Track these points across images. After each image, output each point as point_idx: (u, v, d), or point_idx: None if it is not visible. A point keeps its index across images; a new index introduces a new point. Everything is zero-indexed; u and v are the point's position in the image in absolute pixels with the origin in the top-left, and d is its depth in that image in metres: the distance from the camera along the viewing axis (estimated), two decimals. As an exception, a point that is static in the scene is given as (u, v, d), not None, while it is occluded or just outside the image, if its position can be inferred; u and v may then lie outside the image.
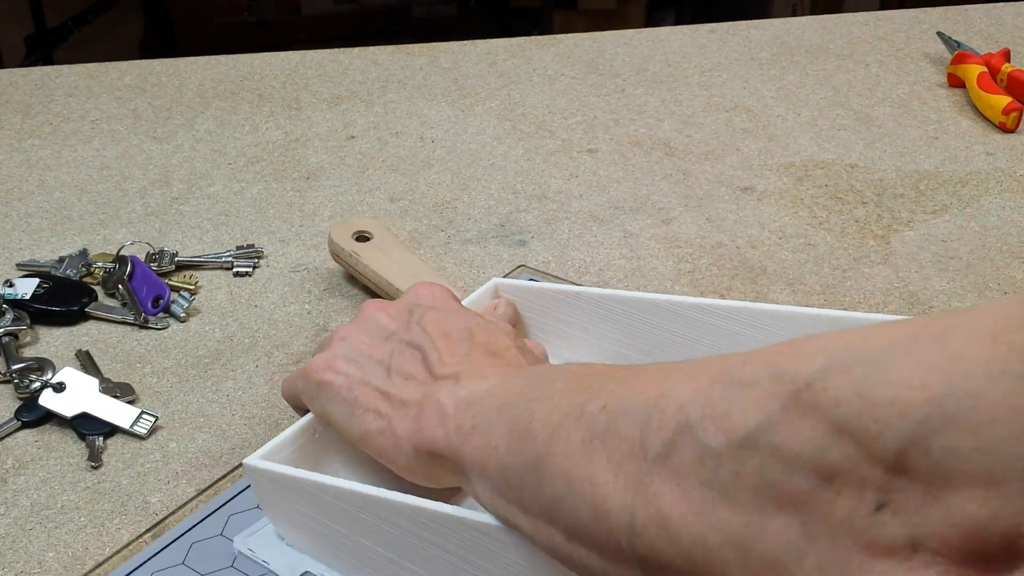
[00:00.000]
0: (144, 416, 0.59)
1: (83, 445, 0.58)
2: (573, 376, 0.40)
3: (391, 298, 0.64)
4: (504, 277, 0.67)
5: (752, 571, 0.30)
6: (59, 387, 0.60)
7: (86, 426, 0.58)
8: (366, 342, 0.50)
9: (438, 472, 0.45)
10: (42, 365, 0.63)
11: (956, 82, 0.99)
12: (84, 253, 0.74)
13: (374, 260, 0.68)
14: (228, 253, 0.74)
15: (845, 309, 0.67)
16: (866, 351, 0.28)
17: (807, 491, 0.28)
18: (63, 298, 0.68)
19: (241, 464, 0.49)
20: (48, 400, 0.59)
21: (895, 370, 0.27)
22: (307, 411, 0.51)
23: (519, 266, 0.73)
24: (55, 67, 1.05)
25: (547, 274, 0.71)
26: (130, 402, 0.60)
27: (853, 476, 0.27)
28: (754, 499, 0.30)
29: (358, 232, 0.69)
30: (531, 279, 0.68)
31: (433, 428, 0.44)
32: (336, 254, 0.70)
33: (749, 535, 0.30)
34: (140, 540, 0.51)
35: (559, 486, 0.36)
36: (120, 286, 0.69)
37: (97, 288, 0.70)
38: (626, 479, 0.33)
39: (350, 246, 0.69)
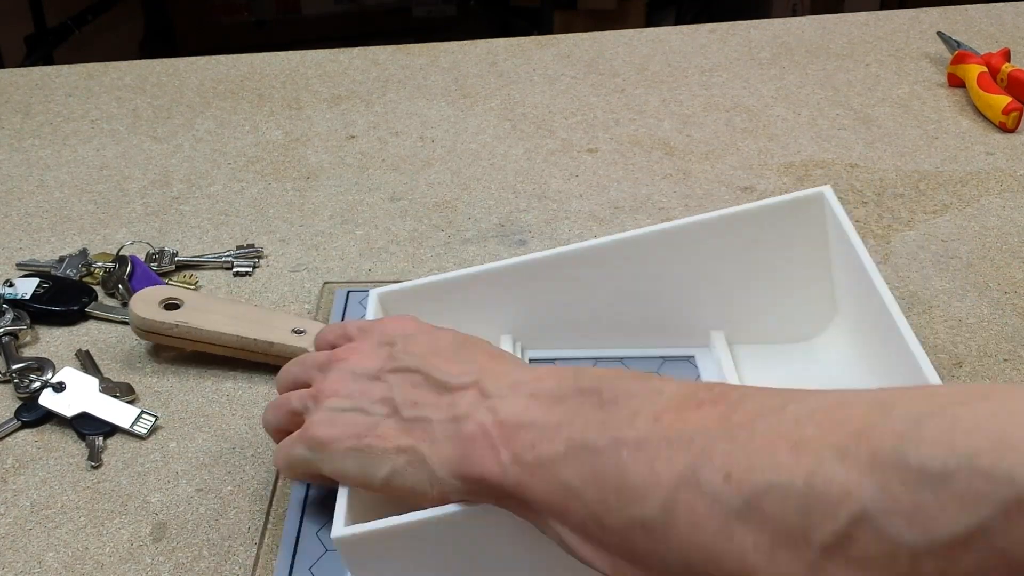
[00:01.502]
0: (144, 416, 0.59)
1: (83, 445, 0.58)
2: (651, 413, 0.38)
3: (235, 352, 0.62)
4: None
5: None
6: (59, 387, 0.60)
7: (86, 426, 0.58)
8: (356, 388, 0.48)
9: (483, 500, 0.42)
10: (42, 365, 0.63)
11: (956, 82, 0.99)
12: (84, 253, 0.74)
13: (206, 322, 0.63)
14: (228, 253, 0.74)
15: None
16: None
17: None
18: (63, 298, 0.68)
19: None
20: (48, 400, 0.59)
21: None
22: (314, 477, 0.50)
23: (325, 283, 0.72)
24: (55, 67, 1.05)
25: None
26: (130, 402, 0.60)
27: None
28: None
29: (165, 300, 0.64)
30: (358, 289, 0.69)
31: (483, 456, 0.41)
32: (149, 330, 0.63)
33: None
34: None
35: (691, 555, 0.35)
36: (120, 286, 0.69)
37: (97, 288, 0.70)
38: (787, 564, 0.32)
39: (168, 318, 0.63)
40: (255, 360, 0.63)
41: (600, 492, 0.37)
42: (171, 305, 0.63)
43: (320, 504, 0.53)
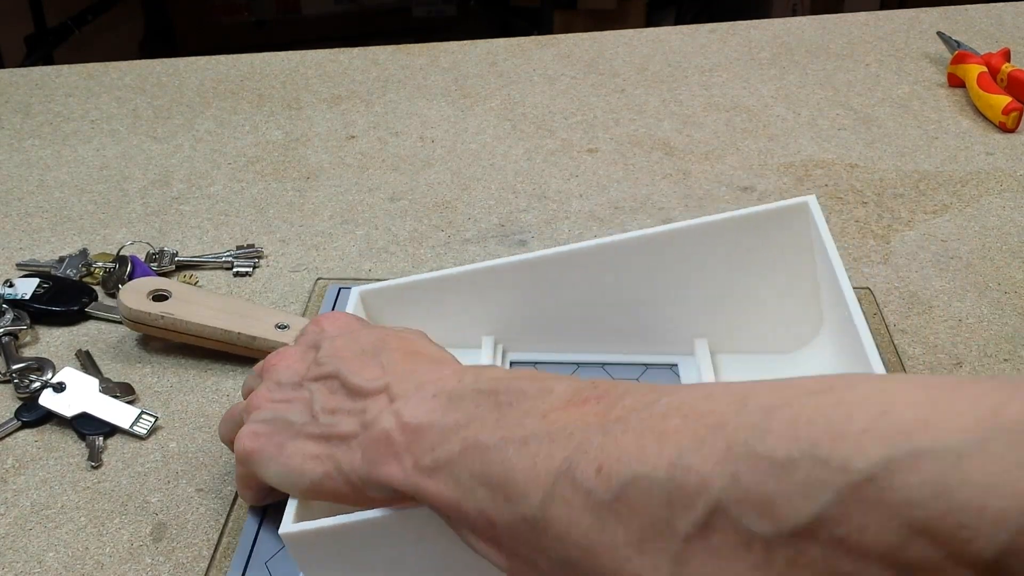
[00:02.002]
0: (144, 416, 0.59)
1: (83, 445, 0.58)
2: (539, 412, 0.38)
3: (220, 345, 0.63)
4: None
5: None
6: (59, 387, 0.60)
7: (86, 426, 0.58)
8: (279, 397, 0.48)
9: (400, 502, 0.43)
10: (42, 365, 0.63)
11: (956, 82, 0.99)
12: (84, 253, 0.74)
13: (191, 314, 0.63)
14: (228, 253, 0.74)
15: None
16: (931, 443, 0.28)
17: None
18: (63, 298, 0.68)
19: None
20: (48, 400, 0.59)
21: (974, 471, 0.26)
22: (267, 491, 0.50)
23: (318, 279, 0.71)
24: (55, 67, 1.05)
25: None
26: (130, 402, 0.60)
27: (941, 573, 0.27)
28: None
29: (153, 292, 0.64)
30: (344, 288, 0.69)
31: (386, 464, 0.42)
32: (136, 320, 0.64)
33: None
34: None
35: (571, 552, 0.35)
36: (120, 286, 0.69)
37: (97, 288, 0.70)
38: (656, 555, 0.33)
39: (154, 308, 0.63)
40: (239, 354, 0.63)
41: (489, 490, 0.38)
42: (159, 296, 0.64)
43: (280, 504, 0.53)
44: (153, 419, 0.59)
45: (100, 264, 0.72)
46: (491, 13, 2.92)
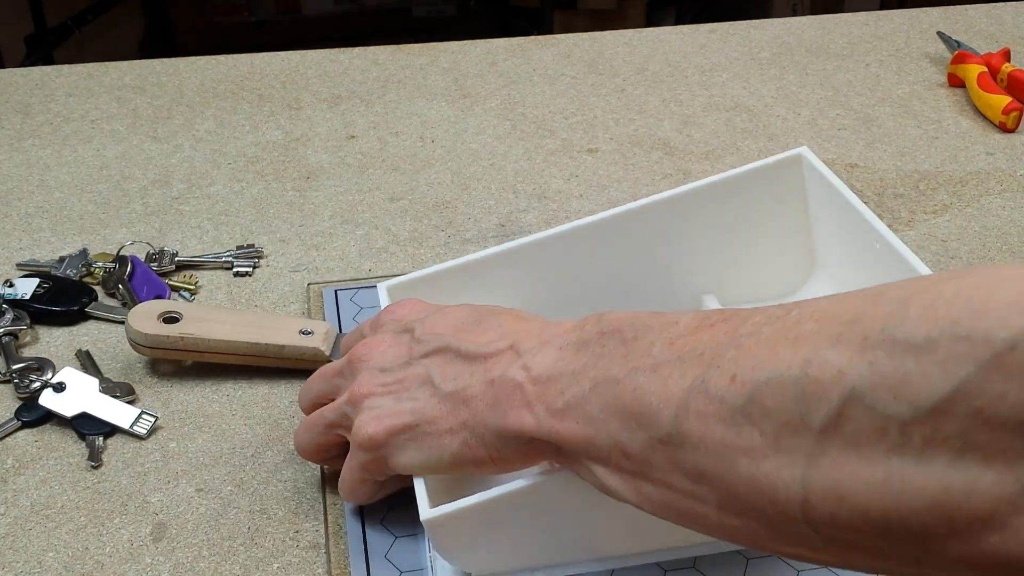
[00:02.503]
0: (144, 416, 0.59)
1: (83, 445, 0.58)
2: (666, 340, 0.39)
3: (244, 359, 0.62)
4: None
5: (958, 529, 0.30)
6: (59, 387, 0.60)
7: (86, 426, 0.58)
8: (389, 380, 0.48)
9: (533, 456, 0.44)
10: (42, 365, 0.63)
11: (956, 82, 0.99)
12: (84, 253, 0.74)
13: (211, 331, 0.62)
14: (228, 253, 0.74)
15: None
16: None
17: (1022, 447, 0.28)
18: (63, 298, 0.68)
19: None
20: (48, 400, 0.59)
21: None
22: (382, 487, 0.50)
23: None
24: (55, 67, 1.05)
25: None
26: (130, 402, 0.60)
27: None
28: (956, 461, 0.30)
29: (163, 314, 0.62)
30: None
31: (518, 411, 0.43)
32: (151, 345, 0.62)
33: (954, 495, 0.30)
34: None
35: (704, 461, 0.36)
36: (120, 286, 0.69)
37: (97, 288, 0.70)
38: (790, 453, 0.33)
39: (172, 330, 0.61)
40: (263, 365, 0.62)
41: (622, 420, 0.39)
42: (170, 318, 0.62)
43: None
44: (153, 419, 0.59)
45: (100, 264, 0.72)
46: (491, 13, 2.92)
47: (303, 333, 0.62)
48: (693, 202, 0.61)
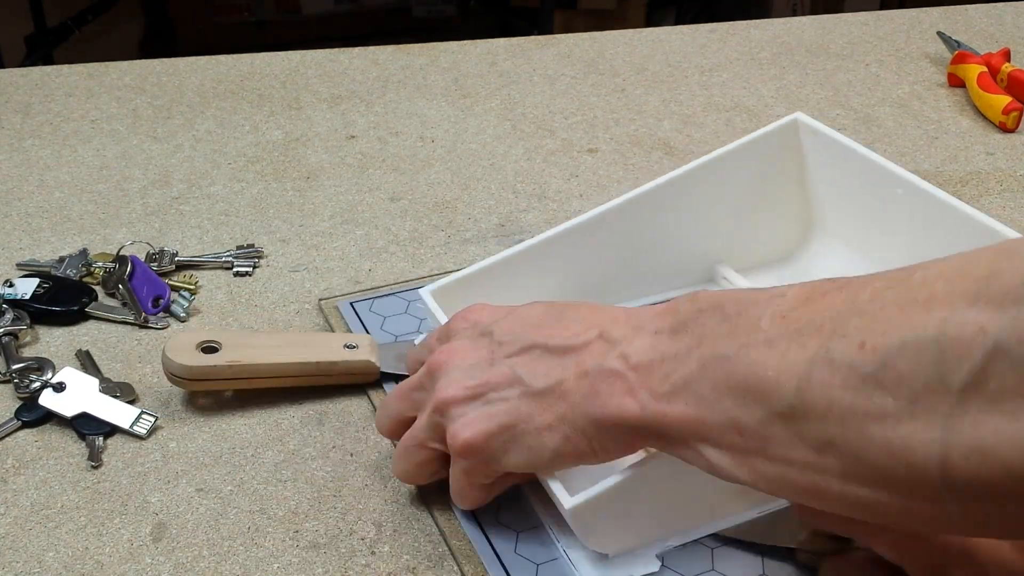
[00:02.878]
0: (144, 416, 0.59)
1: (83, 445, 0.58)
2: (776, 313, 0.39)
3: (295, 380, 0.60)
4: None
5: None
6: (59, 387, 0.60)
7: (86, 426, 0.58)
8: (476, 384, 0.47)
9: (634, 443, 0.44)
10: (42, 365, 0.63)
11: (956, 82, 0.99)
12: (84, 253, 0.74)
13: (257, 356, 0.60)
14: (228, 253, 0.74)
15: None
16: None
17: None
18: (63, 298, 0.68)
19: None
20: (48, 400, 0.59)
21: None
22: (493, 488, 0.50)
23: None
24: (55, 67, 1.05)
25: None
26: (130, 402, 0.60)
27: None
28: None
29: (202, 344, 0.60)
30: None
31: (619, 399, 0.42)
32: (196, 377, 0.59)
33: None
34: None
35: (831, 431, 0.36)
36: (120, 286, 0.69)
37: (97, 288, 0.70)
38: (928, 414, 0.33)
39: (219, 360, 0.59)
40: (312, 384, 0.61)
41: (735, 397, 0.38)
42: (209, 348, 0.59)
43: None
44: (153, 419, 0.59)
45: (100, 264, 0.72)
46: (491, 13, 2.92)
47: (348, 347, 0.61)
48: (700, 178, 0.64)
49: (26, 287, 0.68)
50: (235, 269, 0.73)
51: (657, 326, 0.43)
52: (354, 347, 0.61)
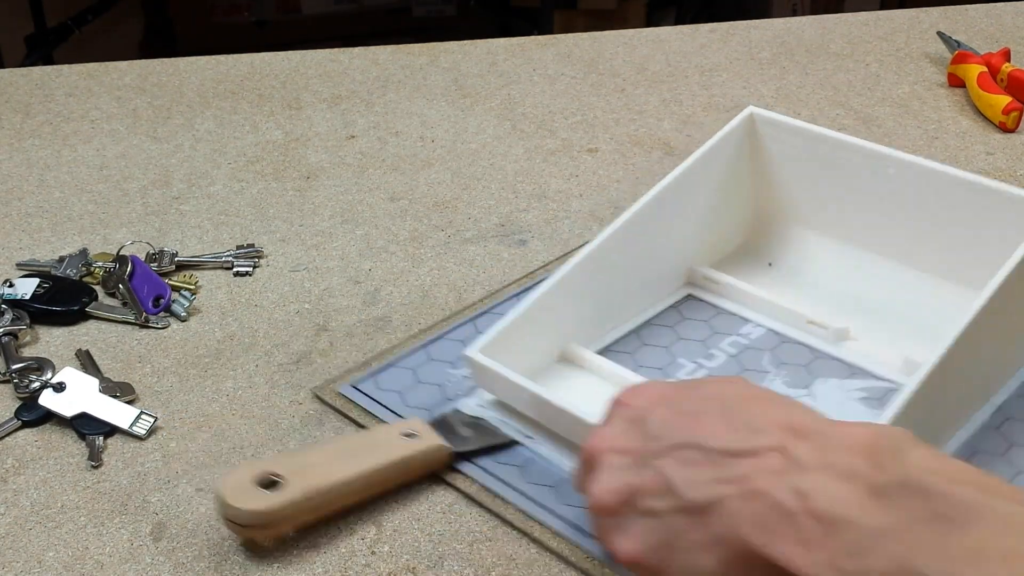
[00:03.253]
0: (143, 416, 0.59)
1: (83, 445, 0.58)
2: (1001, 553, 0.33)
3: (373, 489, 0.54)
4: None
5: None
6: (59, 387, 0.60)
7: (86, 426, 0.58)
8: (624, 484, 0.43)
9: None
10: (42, 365, 0.63)
11: (956, 82, 0.99)
12: (84, 253, 0.74)
13: (324, 476, 0.52)
14: (228, 253, 0.74)
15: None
16: None
17: None
18: (63, 298, 0.68)
19: None
20: (48, 400, 0.59)
21: None
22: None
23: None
24: (55, 67, 1.05)
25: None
26: (130, 402, 0.60)
27: None
28: None
29: (258, 478, 0.51)
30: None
31: (786, 543, 0.37)
32: (266, 523, 0.50)
33: None
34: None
35: None
36: (121, 286, 0.69)
37: (97, 288, 0.70)
38: None
39: (288, 495, 0.50)
40: (387, 488, 0.54)
41: None
42: (269, 481, 0.51)
43: None
44: (152, 419, 0.59)
45: (100, 264, 0.72)
46: (491, 13, 2.92)
47: (407, 436, 0.55)
48: (671, 197, 0.65)
49: (26, 287, 0.68)
50: (235, 269, 0.73)
51: (851, 468, 0.37)
52: (413, 435, 0.55)
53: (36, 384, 0.61)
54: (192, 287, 0.71)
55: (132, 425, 0.58)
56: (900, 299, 0.65)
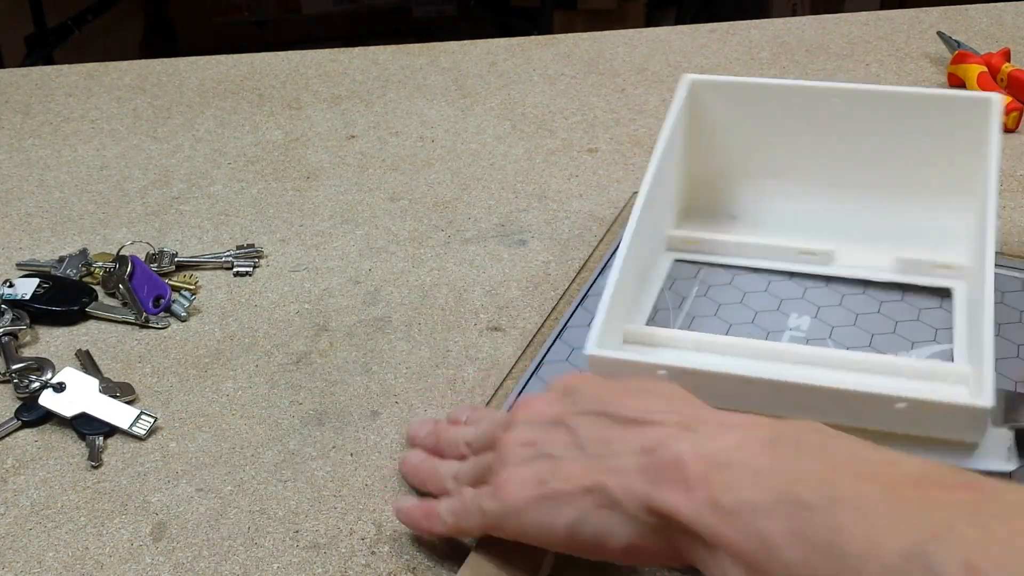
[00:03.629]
0: (143, 417, 0.59)
1: (83, 445, 0.58)
2: (882, 479, 0.35)
3: None
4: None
5: None
6: (59, 387, 0.60)
7: (86, 426, 0.58)
8: (537, 437, 0.45)
9: (673, 544, 0.39)
10: (42, 365, 0.63)
11: (956, 82, 0.99)
12: (84, 253, 0.74)
13: None
14: (228, 253, 0.74)
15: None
16: None
17: None
18: (63, 298, 0.68)
19: None
20: (48, 400, 0.59)
21: None
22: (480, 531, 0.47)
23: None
24: (55, 67, 1.05)
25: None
26: (130, 402, 0.60)
27: None
28: None
29: None
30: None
31: (671, 491, 0.38)
32: None
33: None
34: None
35: None
36: (121, 286, 0.69)
37: (97, 288, 0.70)
38: None
39: None
40: None
41: (805, 554, 0.34)
42: None
43: None
44: (152, 419, 0.59)
45: (100, 264, 0.72)
46: (491, 13, 2.92)
47: None
48: (656, 191, 0.66)
49: (26, 287, 0.68)
50: (235, 269, 0.73)
51: (747, 432, 0.39)
52: None
53: (36, 384, 0.61)
54: (192, 287, 0.71)
55: (132, 425, 0.59)
56: (867, 218, 0.68)
